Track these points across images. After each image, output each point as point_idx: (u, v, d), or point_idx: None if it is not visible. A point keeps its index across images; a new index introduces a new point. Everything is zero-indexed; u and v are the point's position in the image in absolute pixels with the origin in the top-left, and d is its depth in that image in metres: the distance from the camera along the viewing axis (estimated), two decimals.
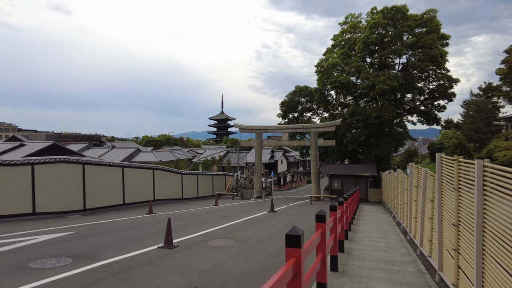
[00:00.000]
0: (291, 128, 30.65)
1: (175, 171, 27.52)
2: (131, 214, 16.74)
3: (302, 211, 18.71)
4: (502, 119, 41.44)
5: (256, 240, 9.42)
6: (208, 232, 10.58)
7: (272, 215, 15.71)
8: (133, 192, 22.02)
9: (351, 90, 32.79)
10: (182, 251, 7.90)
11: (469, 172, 4.36)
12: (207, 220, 13.87)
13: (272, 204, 17.55)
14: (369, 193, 29.18)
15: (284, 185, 64.32)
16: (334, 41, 34.57)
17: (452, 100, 33.38)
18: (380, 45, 30.97)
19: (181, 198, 27.57)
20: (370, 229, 11.73)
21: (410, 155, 64.98)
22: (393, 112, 29.23)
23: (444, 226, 5.54)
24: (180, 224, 12.64)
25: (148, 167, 24.44)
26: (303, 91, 38.00)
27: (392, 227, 12.35)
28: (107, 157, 54.69)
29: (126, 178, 21.61)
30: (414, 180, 9.08)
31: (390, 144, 30.71)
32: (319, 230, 4.32)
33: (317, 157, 29.58)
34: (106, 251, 7.75)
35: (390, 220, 14.82)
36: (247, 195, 32.18)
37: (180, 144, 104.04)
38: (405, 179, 11.60)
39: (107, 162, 20.76)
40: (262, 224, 12.76)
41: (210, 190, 32.63)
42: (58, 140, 64.87)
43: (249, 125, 31.57)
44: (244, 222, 13.00)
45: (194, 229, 11.08)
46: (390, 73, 29.21)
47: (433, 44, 28.56)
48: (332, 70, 31.83)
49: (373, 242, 9.24)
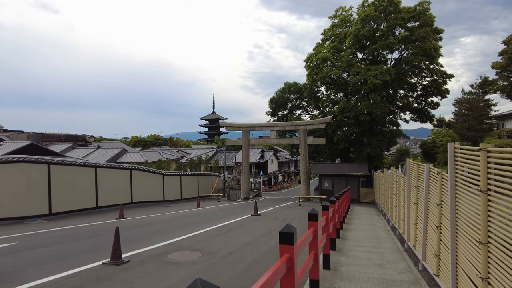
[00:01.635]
0: (280, 125, 29.18)
1: (155, 172, 25.87)
2: (100, 218, 15.13)
3: (288, 214, 17.25)
4: (494, 117, 41.06)
5: (227, 252, 7.92)
6: (173, 242, 9.05)
7: (254, 219, 14.23)
8: (107, 194, 20.39)
9: (342, 86, 31.48)
10: (129, 269, 6.35)
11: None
12: (180, 226, 12.33)
13: (256, 207, 16.06)
14: (361, 193, 27.87)
15: (275, 185, 62.92)
16: (324, 35, 33.18)
17: (445, 97, 32.27)
18: (371, 39, 29.67)
19: (162, 200, 25.94)
20: (362, 235, 10.31)
21: (402, 154, 64.17)
22: (386, 108, 27.90)
23: (462, 242, 4.10)
24: (146, 231, 11.08)
25: (124, 167, 22.78)
26: (293, 87, 36.56)
27: (386, 233, 10.95)
28: (91, 158, 52.87)
29: (100, 179, 19.97)
30: (414, 179, 7.66)
31: (382, 142, 29.42)
32: (284, 256, 2.87)
33: (307, 156, 28.18)
34: (33, 271, 6.18)
35: (384, 223, 13.44)
36: (234, 197, 30.64)
37: (169, 144, 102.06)
38: (401, 179, 10.22)
39: (78, 162, 19.07)
40: (241, 230, 11.26)
41: (195, 192, 31.01)
42: (40, 140, 62.38)
43: (236, 123, 30.06)
44: (220, 228, 11.49)
45: (159, 238, 9.55)
46: (383, 67, 27.89)
47: (426, 37, 27.29)
48: (322, 65, 30.43)
49: (365, 253, 7.80)
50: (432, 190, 5.94)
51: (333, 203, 7.84)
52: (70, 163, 18.19)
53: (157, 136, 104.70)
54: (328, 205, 6.05)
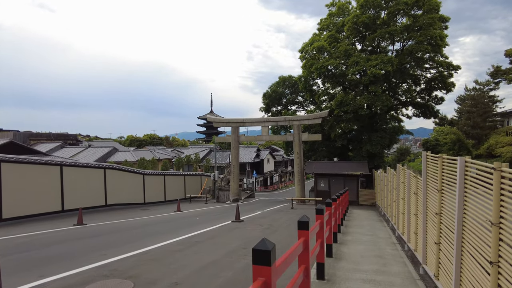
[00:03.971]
0: (272, 121, 26.83)
1: (134, 171, 23.61)
2: (56, 225, 12.90)
3: (276, 219, 14.97)
4: (499, 115, 39.38)
5: (171, 282, 5.65)
6: (111, 262, 6.81)
7: (233, 227, 11.96)
8: (76, 196, 18.19)
9: (340, 79, 29.21)
10: None
11: None
12: (138, 237, 10.08)
13: (238, 212, 13.78)
14: (360, 194, 25.56)
15: (271, 185, 60.60)
16: (321, 24, 30.76)
17: (451, 90, 29.99)
18: (371, 27, 27.28)
19: (143, 203, 23.68)
20: (361, 251, 8.05)
21: (402, 154, 62.19)
22: (387, 101, 25.46)
23: None
24: (91, 244, 8.82)
25: (97, 165, 20.56)
26: (288, 81, 34.21)
27: (392, 247, 8.68)
28: (80, 157, 50.83)
29: (67, 179, 17.76)
30: (436, 180, 5.38)
31: (384, 138, 27.05)
32: None
33: (301, 154, 25.88)
34: None
35: (387, 233, 11.17)
36: (224, 198, 28.36)
37: (165, 143, 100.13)
38: (411, 179, 7.98)
39: (38, 160, 16.78)
40: (209, 244, 8.98)
41: (182, 193, 28.71)
42: (28, 139, 60.19)
43: (225, 118, 27.81)
44: (184, 241, 9.22)
45: (98, 256, 7.32)
46: (384, 56, 25.51)
47: (432, 24, 24.91)
48: (318, 56, 28.07)
49: (366, 284, 5.54)
50: (473, 197, 3.70)
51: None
52: (28, 161, 15.89)
53: (152, 135, 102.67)
54: (306, 221, 3.79)
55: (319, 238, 5.44)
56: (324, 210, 5.83)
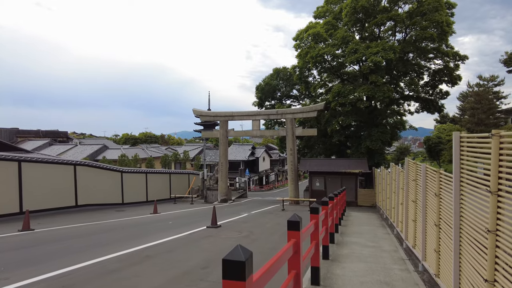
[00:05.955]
0: (263, 114, 24.66)
1: (111, 168, 21.49)
2: (3, 230, 10.84)
3: (260, 224, 12.85)
4: (503, 112, 37.78)
5: None
6: None
7: (204, 235, 9.84)
8: (39, 195, 16.17)
9: (337, 73, 27.07)
10: None
11: None
12: (80, 248, 7.98)
13: (214, 216, 11.66)
14: (359, 194, 23.43)
15: (266, 184, 58.48)
16: (317, 12, 28.42)
17: (457, 83, 27.87)
18: (371, 14, 25.14)
19: (121, 203, 21.60)
20: (361, 273, 5.94)
21: (402, 153, 60.50)
22: (389, 92, 23.22)
23: None
24: (10, 259, 6.70)
25: (66, 162, 18.48)
26: (282, 72, 32.02)
27: (401, 266, 6.57)
28: (68, 155, 48.81)
29: (26, 177, 15.70)
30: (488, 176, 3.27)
31: (385, 133, 24.83)
32: None
33: (295, 150, 23.75)
34: None
35: (393, 243, 9.06)
36: (212, 198, 26.24)
37: (160, 142, 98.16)
38: (426, 176, 5.89)
39: None
40: (161, 260, 6.85)
41: (167, 192, 26.60)
42: (14, 136, 58.08)
43: (212, 111, 25.71)
44: (131, 256, 7.11)
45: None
46: (385, 43, 23.33)
47: (438, 8, 22.70)
48: (314, 45, 25.87)
49: None
50: None
51: (316, 213, 5.08)
52: None
53: (148, 133, 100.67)
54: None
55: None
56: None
